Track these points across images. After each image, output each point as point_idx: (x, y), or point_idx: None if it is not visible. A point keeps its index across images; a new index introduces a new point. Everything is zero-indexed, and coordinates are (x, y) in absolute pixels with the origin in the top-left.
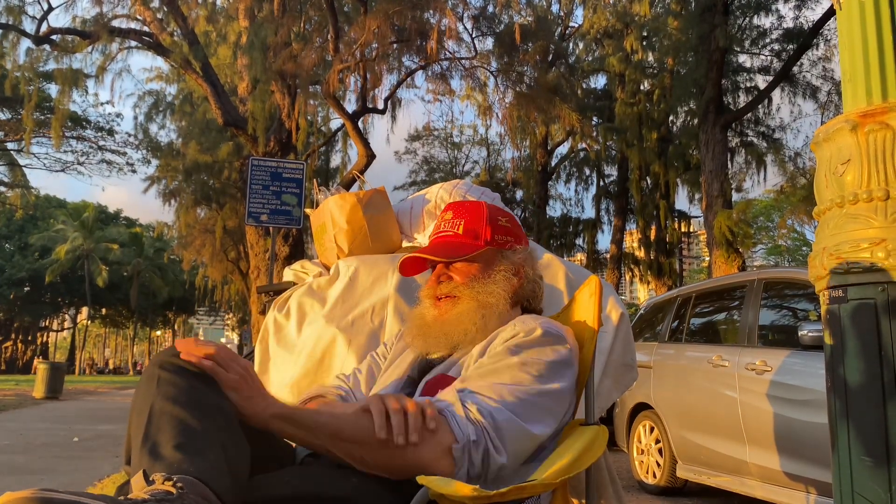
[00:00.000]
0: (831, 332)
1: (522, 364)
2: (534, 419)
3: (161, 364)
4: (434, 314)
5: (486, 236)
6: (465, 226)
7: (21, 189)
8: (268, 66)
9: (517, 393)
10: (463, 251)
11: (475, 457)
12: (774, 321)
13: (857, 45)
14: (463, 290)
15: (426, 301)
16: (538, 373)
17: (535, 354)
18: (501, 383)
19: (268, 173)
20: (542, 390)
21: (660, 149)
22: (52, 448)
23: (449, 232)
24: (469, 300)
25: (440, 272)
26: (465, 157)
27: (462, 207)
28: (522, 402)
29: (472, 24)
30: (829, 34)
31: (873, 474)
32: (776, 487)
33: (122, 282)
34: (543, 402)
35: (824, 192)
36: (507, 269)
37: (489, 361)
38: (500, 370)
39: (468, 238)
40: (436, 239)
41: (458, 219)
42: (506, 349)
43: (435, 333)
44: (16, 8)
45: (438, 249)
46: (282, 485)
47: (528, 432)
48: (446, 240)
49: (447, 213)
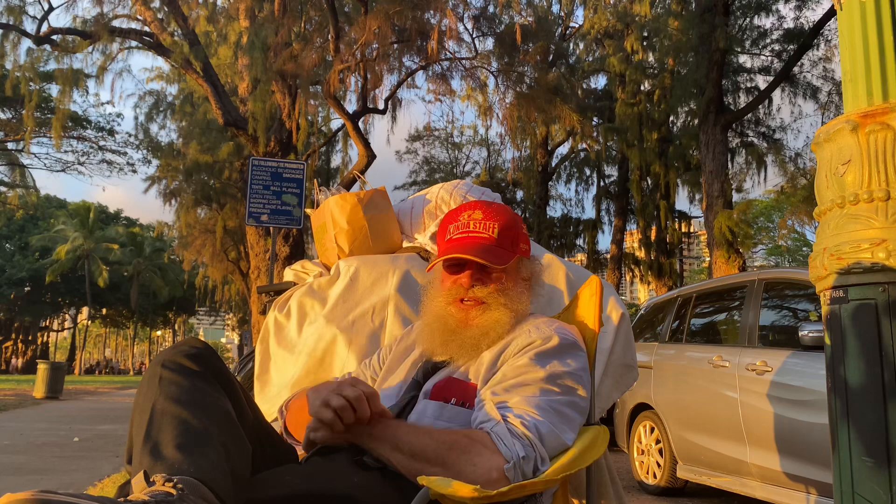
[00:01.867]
0: (832, 332)
1: (549, 377)
2: (566, 428)
3: (163, 363)
4: (459, 318)
5: (519, 243)
6: (500, 230)
7: (23, 189)
8: (268, 66)
9: (552, 405)
10: (503, 259)
11: (527, 471)
12: (775, 321)
13: (858, 45)
14: (496, 297)
15: (445, 301)
16: (564, 384)
17: (559, 367)
18: (535, 396)
19: (268, 173)
20: (571, 401)
21: (660, 149)
22: (52, 448)
23: (482, 234)
24: (503, 309)
25: (473, 274)
26: (466, 157)
27: (492, 210)
28: (557, 413)
29: (473, 24)
30: (830, 34)
31: (874, 475)
32: (776, 488)
33: (122, 282)
34: (572, 411)
35: (825, 192)
36: (527, 278)
37: (514, 373)
38: (529, 383)
39: (505, 244)
40: (467, 238)
41: (491, 221)
42: (529, 360)
43: (460, 339)
44: (16, 8)
45: (479, 252)
46: (283, 484)
47: (564, 442)
48: (481, 241)
49: (475, 212)
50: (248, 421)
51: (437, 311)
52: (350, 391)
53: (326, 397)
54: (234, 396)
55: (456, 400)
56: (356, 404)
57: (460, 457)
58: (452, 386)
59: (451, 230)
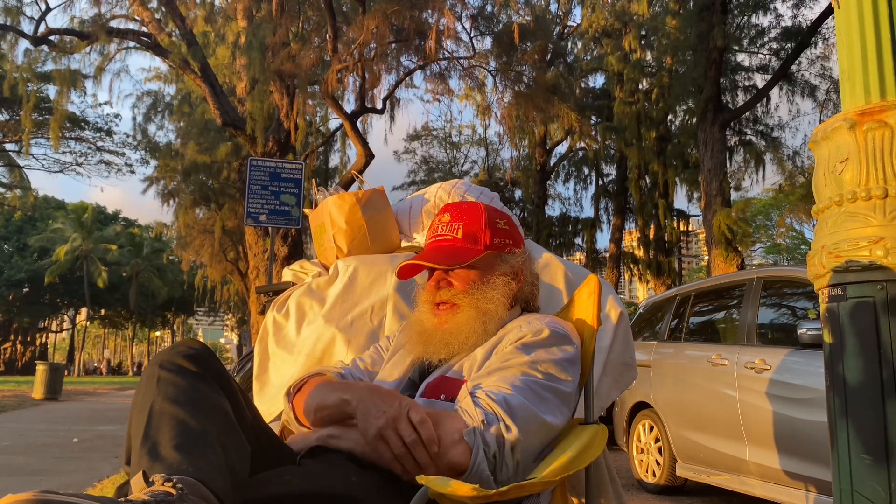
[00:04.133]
0: (830, 330)
1: (532, 362)
2: (545, 408)
3: (161, 364)
4: (434, 322)
5: (486, 240)
6: (464, 230)
7: (21, 190)
8: (266, 66)
9: (529, 385)
10: (462, 257)
11: (488, 437)
12: (773, 320)
13: (856, 43)
14: (463, 297)
15: (424, 307)
16: (547, 370)
17: (543, 354)
18: (513, 376)
19: (266, 173)
20: (552, 386)
21: (658, 148)
22: (51, 449)
23: (447, 236)
24: (469, 308)
25: (439, 278)
26: (464, 156)
27: (459, 210)
28: (534, 392)
29: (471, 23)
30: (828, 33)
31: (872, 472)
32: (776, 486)
33: (121, 282)
34: (553, 395)
35: (823, 190)
36: (506, 273)
37: (498, 360)
38: (510, 367)
39: (467, 243)
40: (433, 243)
41: (457, 222)
42: (514, 349)
43: (435, 341)
44: (14, 9)
45: (438, 255)
46: (282, 484)
47: (540, 417)
48: (445, 244)
49: (444, 215)
50: (247, 421)
51: (416, 315)
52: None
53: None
54: (233, 397)
55: (445, 396)
56: (427, 445)
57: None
58: (444, 384)
59: (427, 237)
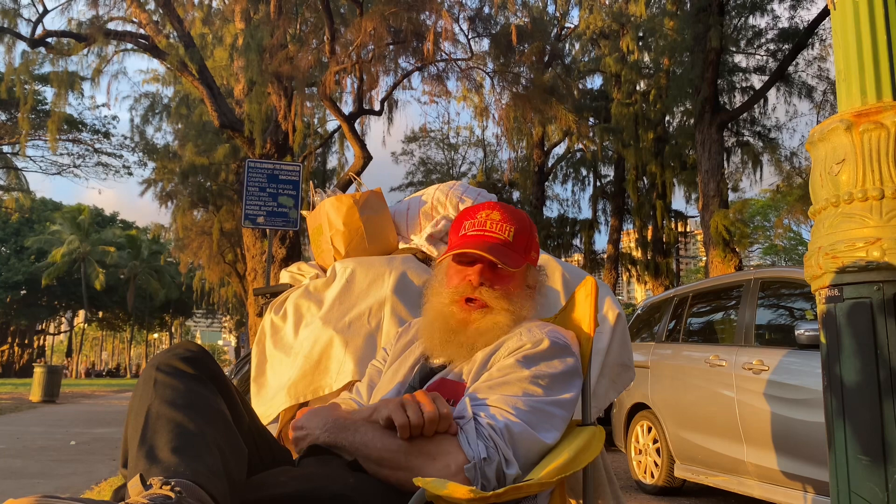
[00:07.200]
0: (827, 331)
1: (533, 377)
2: (545, 428)
3: (158, 366)
4: (461, 318)
5: (531, 251)
6: (516, 234)
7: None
8: (264, 68)
9: (530, 404)
10: (515, 262)
11: (488, 473)
12: (771, 321)
13: (852, 44)
14: (500, 301)
15: (450, 298)
16: (548, 385)
17: (544, 368)
18: (514, 395)
19: (264, 175)
20: (553, 400)
21: (656, 149)
22: (49, 452)
23: (498, 234)
24: (506, 314)
25: (483, 272)
26: (462, 158)
27: (509, 212)
28: (535, 411)
29: (468, 25)
30: (824, 34)
31: (870, 473)
32: (774, 486)
33: (118, 284)
34: (554, 410)
35: (819, 191)
36: (532, 286)
37: (499, 374)
38: (511, 382)
39: (519, 248)
40: (481, 237)
41: (508, 224)
42: (515, 361)
43: (460, 340)
44: (11, 11)
45: (494, 250)
46: (279, 485)
47: (541, 441)
48: (495, 241)
49: (493, 212)
50: (244, 423)
51: (439, 309)
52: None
53: (413, 405)
54: (230, 399)
55: (445, 398)
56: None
57: (426, 461)
58: (444, 386)
59: (467, 226)
